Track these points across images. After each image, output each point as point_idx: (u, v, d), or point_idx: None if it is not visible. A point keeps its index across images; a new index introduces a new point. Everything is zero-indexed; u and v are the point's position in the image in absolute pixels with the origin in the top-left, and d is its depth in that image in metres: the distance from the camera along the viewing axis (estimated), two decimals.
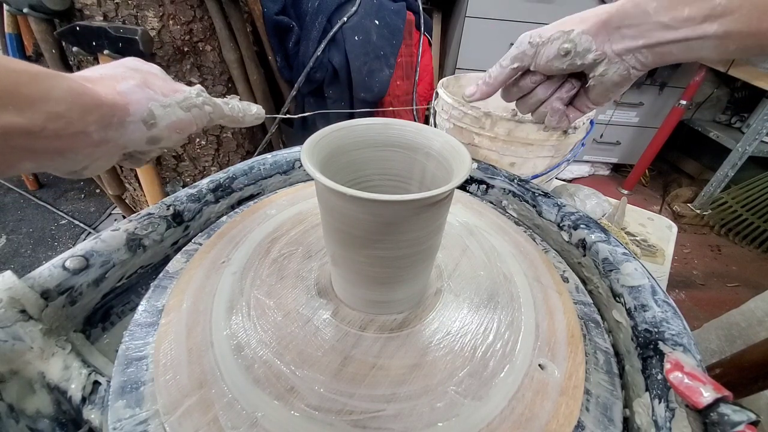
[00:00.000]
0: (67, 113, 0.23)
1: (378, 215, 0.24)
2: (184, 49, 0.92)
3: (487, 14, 1.52)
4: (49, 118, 0.22)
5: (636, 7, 0.33)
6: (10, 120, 0.20)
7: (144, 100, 0.29)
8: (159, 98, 0.30)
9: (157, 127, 0.30)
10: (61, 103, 0.23)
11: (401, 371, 0.27)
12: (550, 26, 0.38)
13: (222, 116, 0.37)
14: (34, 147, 0.22)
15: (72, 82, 0.24)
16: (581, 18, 0.36)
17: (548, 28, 0.38)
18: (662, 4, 0.31)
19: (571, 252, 0.42)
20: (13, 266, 1.28)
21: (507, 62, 0.41)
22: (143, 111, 0.28)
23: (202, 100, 0.34)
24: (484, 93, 0.44)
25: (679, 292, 1.40)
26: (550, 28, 0.38)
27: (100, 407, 0.27)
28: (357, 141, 0.31)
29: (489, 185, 0.52)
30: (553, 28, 0.38)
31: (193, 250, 0.38)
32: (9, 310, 0.27)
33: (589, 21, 0.36)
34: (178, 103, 0.31)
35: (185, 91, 0.33)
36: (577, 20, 0.37)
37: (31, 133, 0.21)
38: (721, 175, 1.66)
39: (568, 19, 0.37)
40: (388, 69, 1.16)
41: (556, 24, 0.38)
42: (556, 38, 0.37)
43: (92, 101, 0.25)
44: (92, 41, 0.79)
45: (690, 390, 0.22)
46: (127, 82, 0.28)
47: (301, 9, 1.11)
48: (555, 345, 0.29)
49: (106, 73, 0.28)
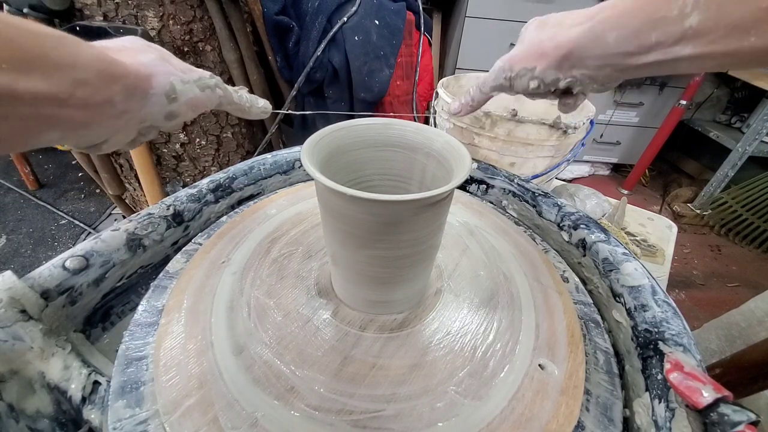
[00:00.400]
0: (94, 80, 0.22)
1: (378, 215, 0.24)
2: (184, 49, 0.92)
3: (487, 14, 1.52)
4: (76, 85, 0.21)
5: (595, 40, 0.31)
6: (38, 85, 0.19)
7: (166, 74, 0.29)
8: (179, 74, 0.30)
9: (177, 102, 0.30)
10: (88, 69, 0.22)
11: (401, 371, 0.27)
12: (519, 54, 0.37)
13: (230, 102, 0.37)
14: (60, 115, 0.21)
15: (97, 50, 0.23)
16: (541, 53, 0.35)
17: (517, 58, 0.37)
18: (622, 33, 0.29)
19: (571, 252, 0.42)
20: (13, 266, 1.28)
21: (487, 89, 0.40)
22: (165, 84, 0.29)
23: (215, 82, 0.34)
24: (467, 112, 0.44)
25: (679, 292, 1.40)
26: (519, 56, 0.37)
27: (100, 407, 0.27)
28: (357, 141, 0.31)
29: (489, 185, 0.52)
30: (520, 59, 0.36)
31: (193, 250, 0.38)
32: (9, 310, 0.27)
33: (549, 56, 0.34)
34: (195, 82, 0.32)
35: (200, 72, 0.33)
36: (536, 55, 0.35)
37: (58, 99, 0.21)
38: (721, 175, 1.66)
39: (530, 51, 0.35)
40: (388, 69, 1.16)
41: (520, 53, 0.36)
42: (523, 75, 0.36)
43: (118, 70, 0.25)
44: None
45: (690, 390, 0.22)
46: (148, 55, 0.28)
47: (301, 9, 1.11)
48: (555, 345, 0.29)
49: (126, 45, 0.28)
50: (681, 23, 0.25)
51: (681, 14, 0.25)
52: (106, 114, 0.24)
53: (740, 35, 0.23)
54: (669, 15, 0.26)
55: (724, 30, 0.24)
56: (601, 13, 0.31)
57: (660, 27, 0.27)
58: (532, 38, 0.36)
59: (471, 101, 0.42)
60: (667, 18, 0.26)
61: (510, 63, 0.37)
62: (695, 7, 0.24)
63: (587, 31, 0.32)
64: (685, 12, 0.25)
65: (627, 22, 0.29)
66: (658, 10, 0.26)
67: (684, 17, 0.25)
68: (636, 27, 0.28)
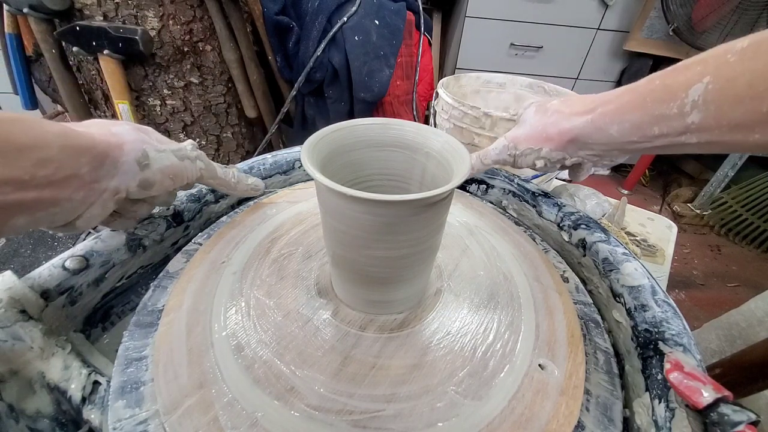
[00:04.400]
0: (57, 157, 0.22)
1: (378, 215, 0.24)
2: (184, 49, 0.92)
3: (487, 14, 1.52)
4: (38, 164, 0.21)
5: (598, 131, 0.31)
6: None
7: (138, 141, 0.28)
8: (154, 143, 0.30)
9: (150, 169, 0.29)
10: (51, 147, 0.22)
11: (401, 371, 0.27)
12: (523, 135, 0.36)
13: (213, 177, 0.37)
14: (25, 199, 0.21)
15: (61, 127, 0.23)
16: (547, 136, 0.35)
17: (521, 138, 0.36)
18: (624, 127, 0.29)
19: (571, 252, 0.42)
20: (13, 266, 1.28)
21: (488, 161, 0.40)
22: (137, 151, 0.28)
23: (196, 155, 0.33)
24: None
25: (679, 292, 1.40)
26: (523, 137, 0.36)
27: (100, 407, 0.27)
28: (357, 141, 0.31)
29: (489, 185, 0.52)
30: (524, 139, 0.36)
31: (193, 250, 0.38)
32: (9, 310, 0.27)
33: (554, 140, 0.34)
34: (173, 151, 0.31)
35: (182, 144, 0.33)
36: (541, 138, 0.35)
37: (20, 182, 0.20)
38: (721, 175, 1.66)
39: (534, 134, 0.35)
40: (388, 69, 1.16)
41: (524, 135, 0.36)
42: (528, 154, 0.36)
43: (85, 142, 0.24)
44: (92, 41, 0.79)
45: (690, 390, 0.22)
46: (122, 126, 0.28)
47: (301, 9, 1.11)
48: (555, 345, 0.29)
49: (100, 122, 0.28)
50: (683, 120, 0.25)
51: (681, 113, 0.25)
52: (72, 187, 0.24)
53: (744, 132, 0.23)
54: (669, 113, 0.25)
55: (727, 127, 0.23)
56: (599, 107, 0.30)
57: (662, 122, 0.26)
58: (534, 122, 0.36)
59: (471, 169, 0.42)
60: (667, 115, 0.25)
61: (514, 142, 0.37)
62: (694, 107, 0.24)
63: (588, 123, 0.31)
64: (684, 111, 0.24)
65: (626, 118, 0.28)
66: (656, 108, 0.26)
67: (684, 115, 0.24)
68: (636, 121, 0.28)
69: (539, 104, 0.36)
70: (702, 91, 0.23)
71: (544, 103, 0.36)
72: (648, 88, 0.27)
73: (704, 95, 0.23)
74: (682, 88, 0.24)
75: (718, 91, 0.22)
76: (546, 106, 0.35)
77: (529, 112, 0.37)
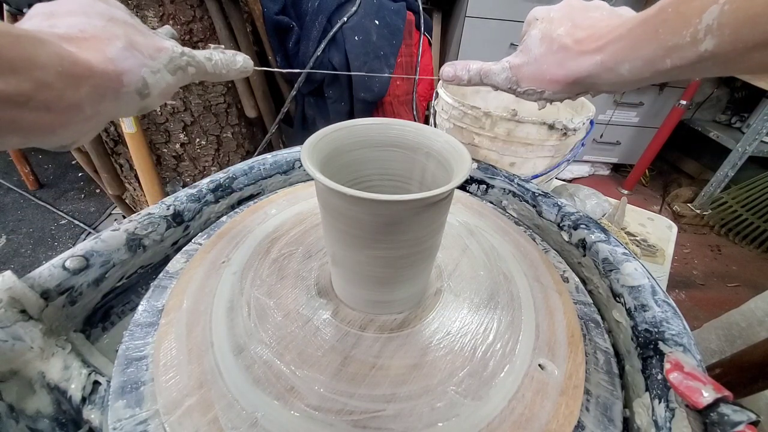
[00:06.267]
0: (56, 83, 0.21)
1: (378, 215, 0.24)
2: None
3: (487, 14, 1.52)
4: (37, 87, 0.19)
5: (608, 72, 0.30)
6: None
7: (136, 67, 0.27)
8: (148, 62, 0.28)
9: (150, 97, 0.28)
10: (49, 70, 0.20)
11: (401, 371, 0.27)
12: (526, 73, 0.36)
13: (204, 75, 0.34)
14: (21, 120, 0.20)
15: (57, 48, 0.21)
16: (551, 78, 0.34)
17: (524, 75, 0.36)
18: (636, 64, 0.28)
19: (571, 252, 0.42)
20: (13, 266, 1.28)
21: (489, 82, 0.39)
22: (137, 81, 0.27)
23: (186, 60, 0.31)
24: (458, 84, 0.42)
25: (679, 292, 1.40)
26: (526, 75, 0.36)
27: (100, 407, 0.27)
28: (357, 141, 0.31)
29: (489, 185, 0.52)
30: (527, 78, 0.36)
31: (193, 250, 0.38)
32: (9, 310, 0.27)
33: (559, 83, 0.33)
34: (165, 66, 0.29)
35: (168, 50, 0.30)
36: (545, 80, 0.34)
37: (17, 102, 0.19)
38: (721, 175, 1.66)
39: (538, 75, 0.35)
40: (388, 69, 1.16)
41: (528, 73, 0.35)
42: (531, 94, 0.36)
43: (83, 70, 0.23)
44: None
45: (690, 390, 0.22)
46: (114, 44, 0.26)
47: (301, 9, 1.11)
48: (555, 345, 0.29)
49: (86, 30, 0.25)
50: (696, 48, 0.24)
51: (694, 40, 0.24)
52: (74, 118, 0.23)
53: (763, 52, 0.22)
54: (681, 42, 0.24)
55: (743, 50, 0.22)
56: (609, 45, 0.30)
57: (674, 53, 0.25)
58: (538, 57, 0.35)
59: (467, 80, 0.41)
60: (680, 45, 0.24)
61: (516, 76, 0.37)
62: (708, 32, 0.23)
63: (598, 65, 0.30)
64: (698, 38, 0.23)
65: (639, 54, 0.27)
66: (669, 39, 0.25)
67: (698, 42, 0.23)
68: (650, 56, 0.27)
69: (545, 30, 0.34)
70: (717, 14, 0.22)
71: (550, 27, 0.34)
72: (660, 18, 0.26)
73: (719, 18, 0.22)
74: (696, 13, 0.23)
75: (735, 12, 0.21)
76: (552, 36, 0.34)
77: (533, 38, 0.35)
